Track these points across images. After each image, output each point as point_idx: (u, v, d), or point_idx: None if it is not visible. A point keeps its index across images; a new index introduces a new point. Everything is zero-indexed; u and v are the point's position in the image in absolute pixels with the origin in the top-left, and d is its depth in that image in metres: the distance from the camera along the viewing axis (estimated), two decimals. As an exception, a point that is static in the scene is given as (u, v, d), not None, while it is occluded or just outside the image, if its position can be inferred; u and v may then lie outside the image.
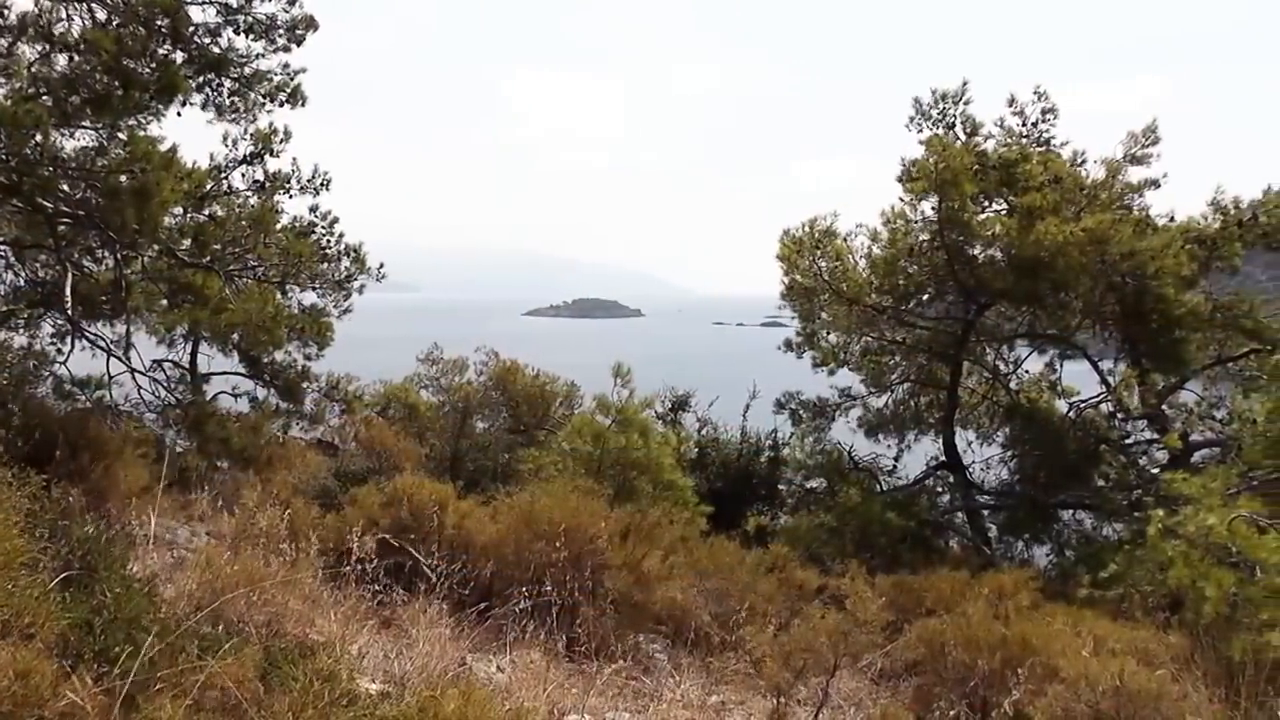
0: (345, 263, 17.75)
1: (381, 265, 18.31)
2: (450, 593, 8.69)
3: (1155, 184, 19.92)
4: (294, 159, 16.34)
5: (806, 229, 20.51)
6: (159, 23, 11.89)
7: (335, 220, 17.45)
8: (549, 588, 9.02)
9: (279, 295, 17.03)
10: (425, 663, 6.48)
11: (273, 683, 4.81)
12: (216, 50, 13.28)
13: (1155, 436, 19.06)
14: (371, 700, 5.06)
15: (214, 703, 4.52)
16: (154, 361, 17.23)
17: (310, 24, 13.82)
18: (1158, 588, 10.87)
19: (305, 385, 18.40)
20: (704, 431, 23.66)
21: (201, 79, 13.46)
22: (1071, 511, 20.37)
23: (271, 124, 15.40)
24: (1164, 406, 19.07)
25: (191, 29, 12.63)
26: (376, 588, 8.22)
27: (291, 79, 14.33)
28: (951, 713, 8.12)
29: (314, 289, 17.77)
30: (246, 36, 13.43)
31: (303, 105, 14.75)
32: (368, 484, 12.29)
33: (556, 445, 18.23)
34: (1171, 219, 19.51)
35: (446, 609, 8.13)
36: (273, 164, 16.08)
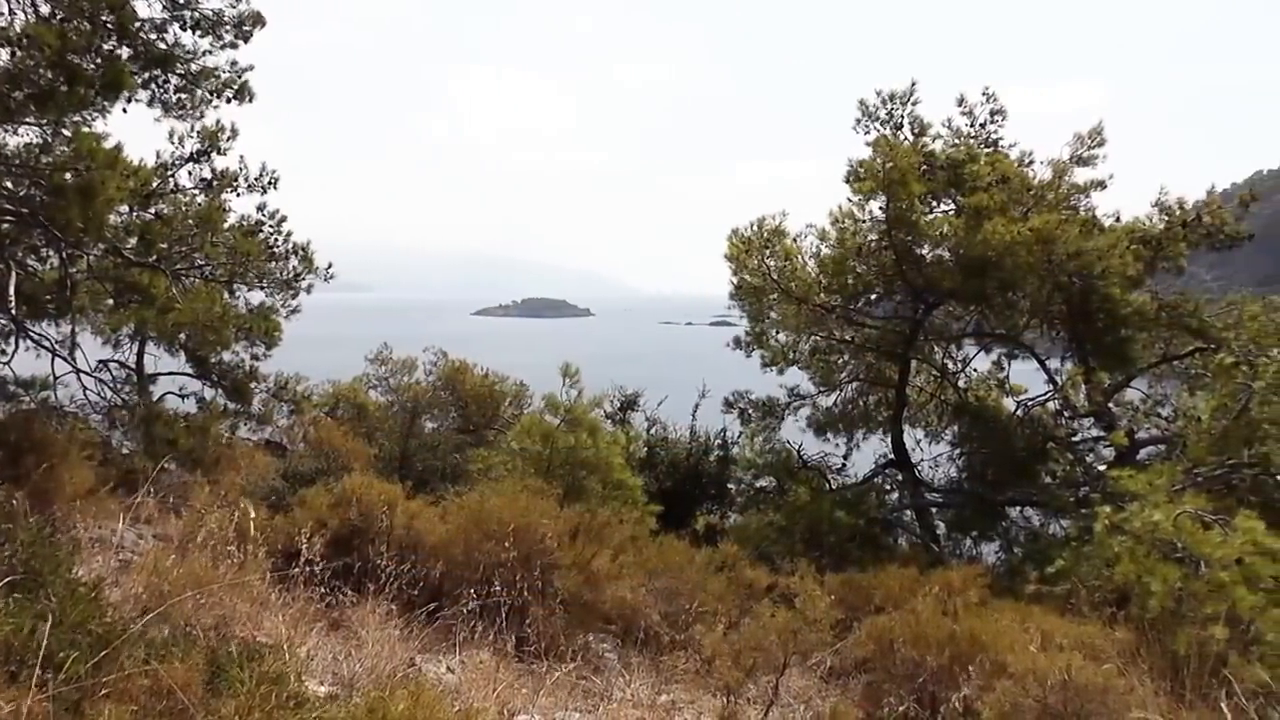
0: (293, 262, 17.66)
1: (330, 265, 18.23)
2: (399, 593, 8.64)
3: (1101, 185, 20.11)
4: (241, 157, 16.26)
5: (755, 228, 20.53)
6: (104, 17, 11.78)
7: (283, 219, 17.35)
8: (498, 588, 8.98)
9: (226, 294, 16.90)
10: (374, 664, 6.45)
11: (219, 686, 4.77)
12: (163, 46, 13.17)
13: (1102, 434, 19.21)
14: (319, 702, 5.03)
15: (159, 707, 4.47)
16: (100, 362, 17.06)
17: (257, 20, 13.73)
18: (1104, 583, 10.95)
19: (253, 385, 18.26)
20: (653, 431, 23.63)
21: (147, 75, 13.34)
22: (1019, 508, 20.52)
23: (219, 121, 15.31)
24: (1110, 404, 19.22)
25: (137, 24, 12.51)
26: (325, 589, 8.17)
27: (239, 76, 14.23)
28: (901, 709, 8.14)
29: (262, 288, 17.68)
30: (193, 32, 13.33)
31: (250, 102, 14.65)
32: (316, 485, 12.20)
33: (506, 445, 18.18)
34: (1117, 220, 19.74)
35: (396, 610, 8.10)
36: (220, 162, 16.00)
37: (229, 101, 14.37)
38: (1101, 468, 18.36)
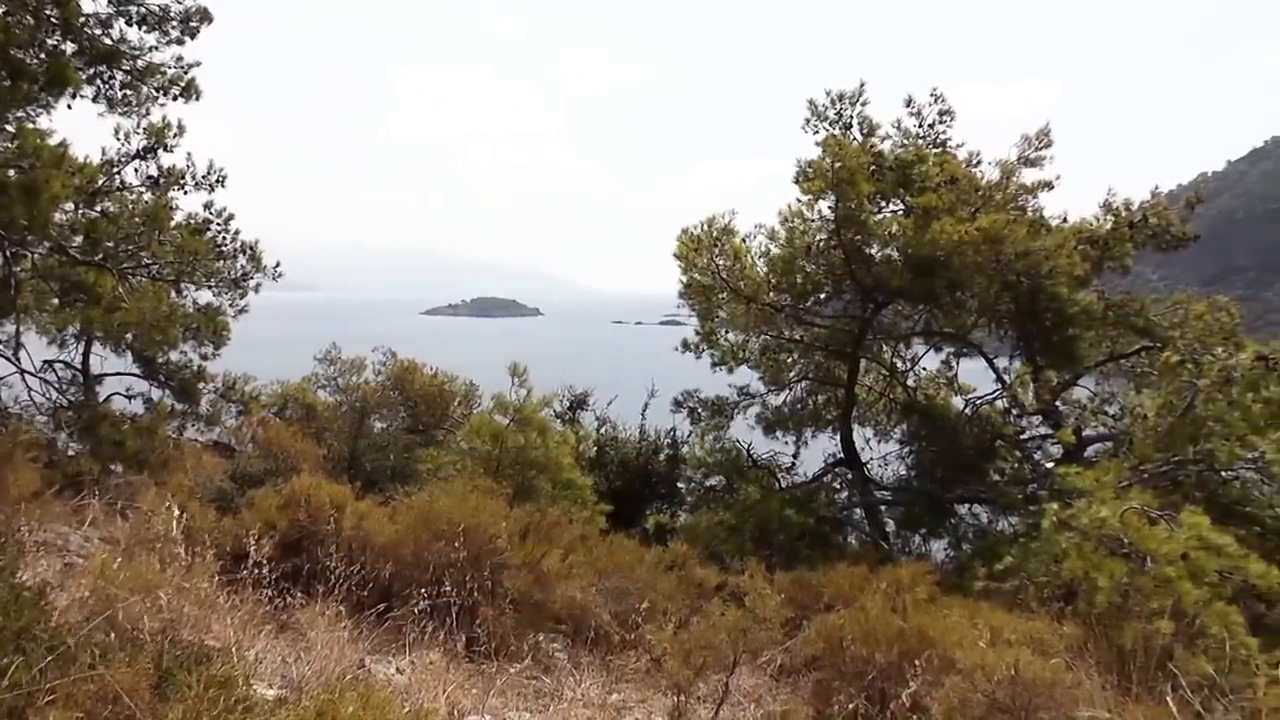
0: (241, 261, 17.52)
1: (278, 264, 18.09)
2: (349, 595, 8.59)
3: (1049, 186, 20.27)
4: (189, 154, 16.11)
5: (705, 227, 20.52)
6: (48, 12, 11.67)
7: (231, 217, 17.20)
8: (448, 588, 8.96)
9: (174, 294, 16.77)
10: (323, 666, 6.41)
11: (167, 691, 4.73)
12: (108, 42, 13.05)
13: (1049, 432, 19.34)
14: (268, 706, 4.99)
15: (106, 713, 4.43)
16: (45, 362, 16.92)
17: (204, 16, 13.62)
18: (1052, 579, 11.05)
19: (201, 386, 18.16)
20: (603, 430, 23.64)
21: (93, 71, 13.21)
22: (968, 506, 20.65)
23: (165, 118, 15.17)
24: (1058, 402, 19.37)
25: (82, 20, 12.40)
26: (274, 591, 8.10)
27: (185, 72, 14.11)
28: (850, 706, 8.16)
29: (209, 287, 17.53)
30: (139, 28, 13.22)
31: (197, 99, 14.54)
32: (265, 486, 12.15)
33: (455, 445, 18.15)
34: (1065, 220, 19.89)
35: (345, 611, 8.04)
36: (167, 159, 15.85)
37: (175, 98, 14.26)
38: (1049, 465, 18.52)
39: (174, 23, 13.35)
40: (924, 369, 23.53)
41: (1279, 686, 5.75)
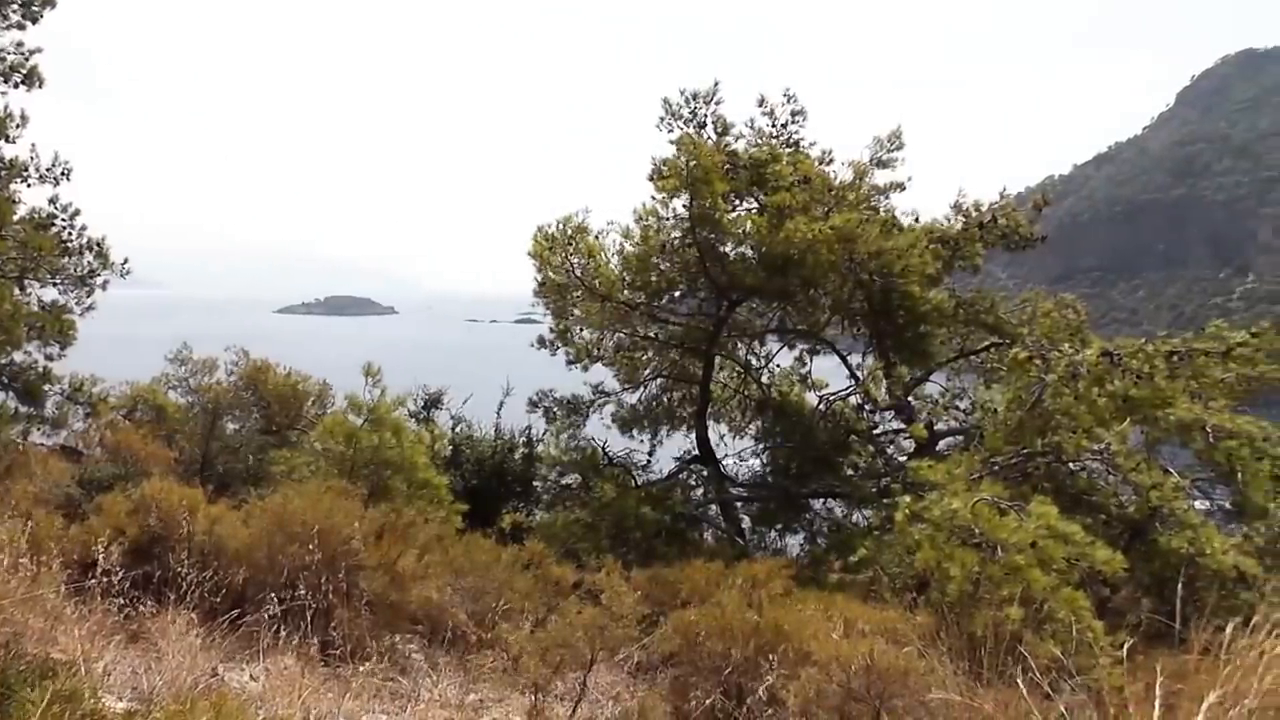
0: (88, 257, 17.13)
1: (126, 260, 17.71)
2: (201, 601, 8.43)
3: (900, 186, 20.69)
4: (33, 145, 15.66)
5: (559, 226, 20.46)
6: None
7: (77, 213, 16.79)
8: (303, 591, 8.84)
9: (17, 291, 16.31)
10: (175, 676, 6.31)
11: (8, 708, 4.60)
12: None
13: (902, 426, 19.71)
14: (117, 719, 4.89)
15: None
16: (-123, 364, 16.35)
17: (46, 0, 13.27)
18: (905, 570, 11.30)
19: (47, 387, 17.72)
20: (458, 429, 23.49)
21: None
22: (823, 500, 20.97)
23: (6, 107, 14.75)
24: (910, 398, 19.74)
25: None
26: (124, 600, 7.92)
27: (26, 59, 13.74)
28: (708, 701, 8.22)
29: (55, 285, 17.11)
30: (-26, 11, 12.84)
31: (40, 87, 14.17)
32: (114, 491, 11.88)
33: (309, 445, 17.91)
34: (916, 220, 20.28)
35: (197, 618, 7.89)
36: (8, 150, 15.40)
37: (17, 86, 13.87)
38: (902, 459, 18.88)
39: (14, 6, 13.00)
40: (778, 366, 23.85)
41: (1122, 666, 5.93)
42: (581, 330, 22.67)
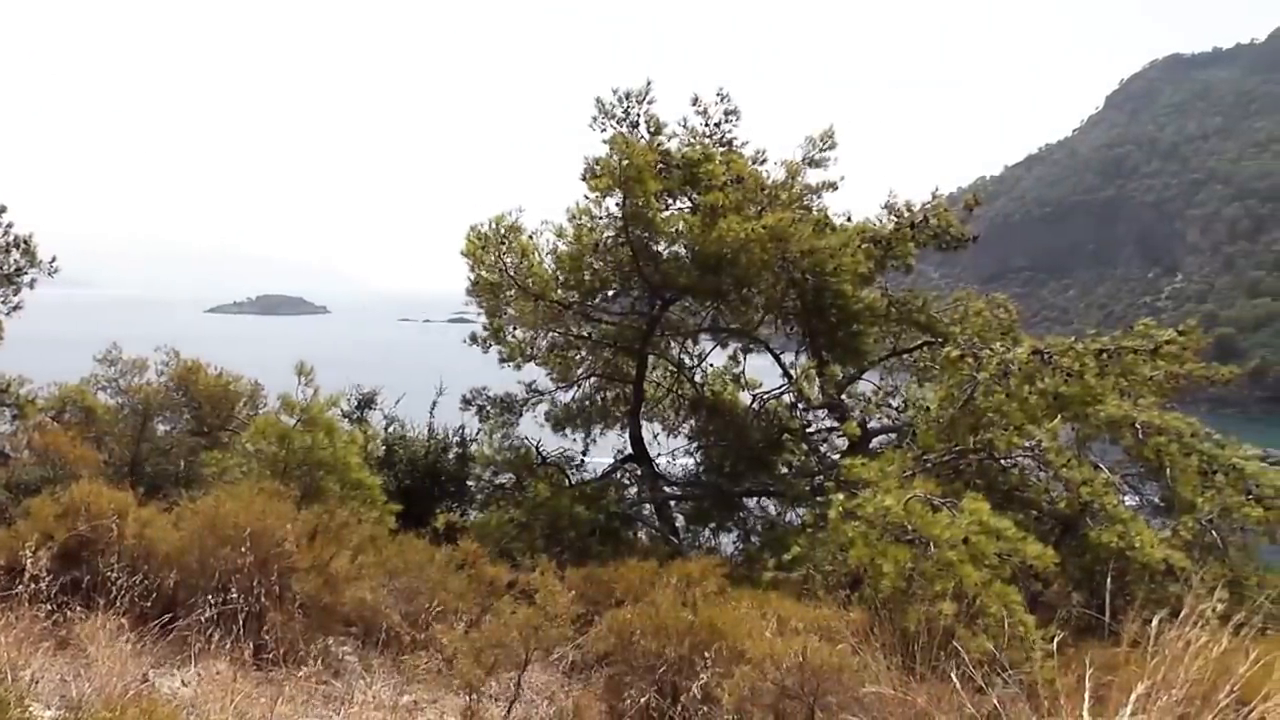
0: (14, 255, 16.86)
1: (54, 259, 17.45)
2: (132, 606, 8.33)
3: (833, 186, 20.78)
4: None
5: (493, 225, 20.36)
6: None
7: (2, 209, 16.53)
8: (235, 594, 8.74)
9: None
10: (105, 683, 6.22)
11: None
12: None
13: (835, 424, 19.83)
14: (45, 728, 4.81)
15: None
16: None
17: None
18: (839, 567, 11.35)
19: (-30, 390, 17.41)
20: (391, 429, 23.37)
21: None
22: (756, 499, 21.06)
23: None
24: (843, 396, 19.86)
25: None
26: (52, 606, 7.78)
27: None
28: (642, 700, 8.22)
29: (-21, 283, 16.83)
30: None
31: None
32: (42, 494, 11.69)
33: (241, 447, 17.72)
34: (849, 220, 20.37)
35: (128, 624, 7.76)
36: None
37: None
38: (835, 457, 19.01)
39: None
40: (711, 365, 23.85)
41: (1054, 660, 5.97)
42: (515, 329, 22.58)
